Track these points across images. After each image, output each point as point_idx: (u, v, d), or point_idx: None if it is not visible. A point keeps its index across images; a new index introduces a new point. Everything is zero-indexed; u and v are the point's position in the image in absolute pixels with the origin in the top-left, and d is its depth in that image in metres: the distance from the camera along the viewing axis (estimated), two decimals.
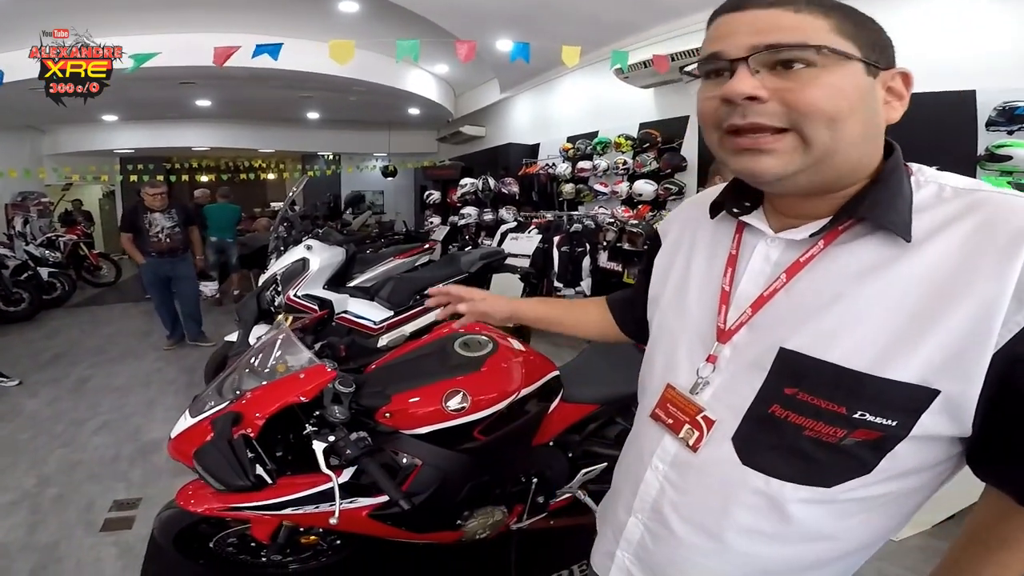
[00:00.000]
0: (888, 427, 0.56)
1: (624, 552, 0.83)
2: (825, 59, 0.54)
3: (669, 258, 0.83)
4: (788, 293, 0.64)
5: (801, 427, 0.60)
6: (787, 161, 0.57)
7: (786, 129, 0.56)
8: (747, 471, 0.65)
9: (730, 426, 0.66)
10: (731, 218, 0.73)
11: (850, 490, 0.62)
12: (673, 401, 0.73)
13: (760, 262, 0.68)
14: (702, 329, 0.72)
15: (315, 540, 1.79)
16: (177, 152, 11.84)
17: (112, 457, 2.97)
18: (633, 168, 5.56)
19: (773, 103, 0.55)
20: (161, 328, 5.81)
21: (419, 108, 9.31)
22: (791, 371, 0.61)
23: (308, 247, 3.62)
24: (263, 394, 1.44)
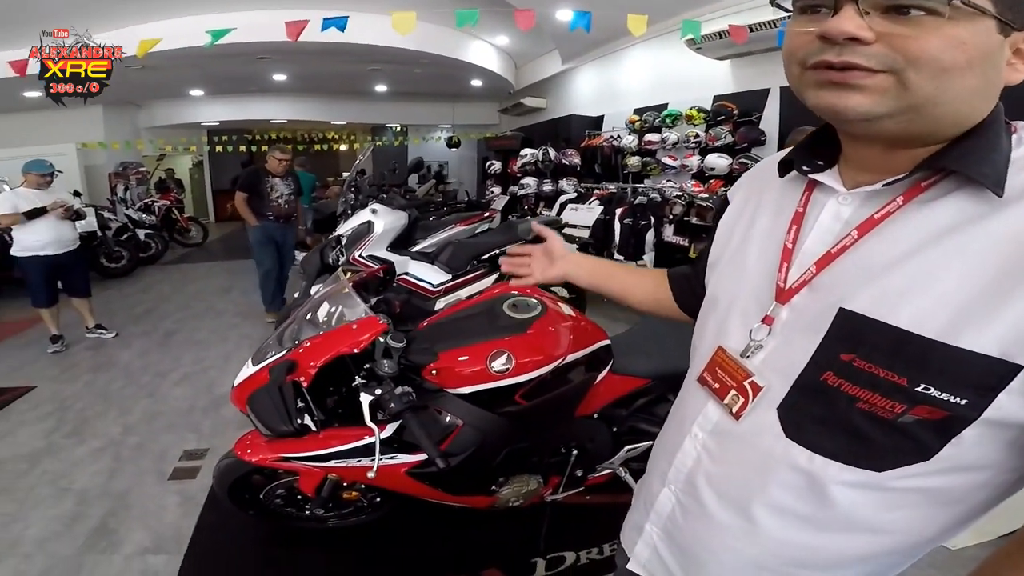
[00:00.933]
0: (956, 405, 0.49)
1: (653, 526, 0.79)
2: (955, 11, 0.47)
3: (733, 221, 0.77)
4: (857, 251, 0.57)
5: (854, 398, 0.54)
6: (876, 101, 0.50)
7: (881, 72, 0.49)
8: (790, 445, 0.60)
9: (778, 394, 0.61)
10: (801, 177, 0.66)
11: (904, 478, 0.55)
12: (722, 365, 0.68)
13: (830, 219, 0.61)
14: (760, 289, 0.66)
15: (356, 496, 1.85)
16: (257, 125, 12.44)
17: (188, 408, 3.16)
18: (706, 141, 5.31)
19: (878, 46, 0.49)
20: (241, 284, 6.24)
21: (481, 80, 9.31)
22: (849, 334, 0.54)
23: (373, 211, 3.74)
24: (317, 344, 1.48)
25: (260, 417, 1.38)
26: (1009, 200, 0.49)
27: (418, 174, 7.37)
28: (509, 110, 10.12)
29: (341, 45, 5.66)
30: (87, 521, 2.16)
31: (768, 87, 4.90)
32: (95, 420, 3.04)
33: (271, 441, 1.59)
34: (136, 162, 9.72)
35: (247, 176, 4.75)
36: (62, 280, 4.15)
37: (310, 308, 1.67)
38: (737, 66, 5.22)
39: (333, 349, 1.44)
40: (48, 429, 2.94)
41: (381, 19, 5.61)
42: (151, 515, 2.20)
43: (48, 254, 3.93)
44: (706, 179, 5.27)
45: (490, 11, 4.96)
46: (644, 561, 0.82)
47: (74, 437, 2.85)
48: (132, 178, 9.13)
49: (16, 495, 2.34)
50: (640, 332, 2.09)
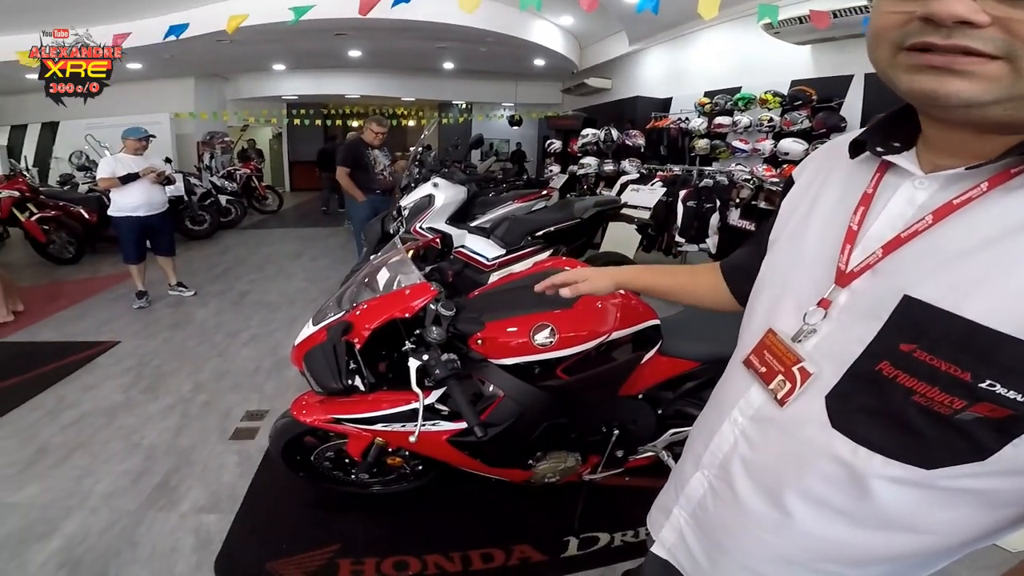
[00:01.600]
0: (1018, 403, 0.46)
1: (682, 510, 0.78)
2: None
3: (797, 200, 0.73)
4: (930, 236, 0.53)
5: (910, 391, 0.51)
6: (985, 88, 0.46)
7: (994, 58, 0.45)
8: (834, 435, 0.57)
9: (828, 382, 0.58)
10: (873, 159, 0.62)
11: (954, 477, 0.52)
12: (771, 348, 0.65)
13: (902, 203, 0.57)
14: (817, 270, 0.62)
15: (399, 463, 1.92)
16: (333, 99, 12.88)
17: (253, 369, 3.28)
18: (780, 126, 5.07)
19: (993, 29, 0.45)
20: (311, 251, 6.56)
21: (544, 59, 9.25)
22: (912, 323, 0.51)
23: (435, 184, 3.83)
24: (372, 307, 1.55)
25: (313, 374, 1.46)
26: None
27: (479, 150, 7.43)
28: (572, 90, 10.00)
29: (410, 23, 5.78)
30: (152, 477, 2.26)
31: (852, 73, 4.65)
32: (169, 377, 3.20)
33: (324, 402, 1.68)
34: (222, 132, 10.30)
35: (348, 150, 4.71)
36: (150, 240, 4.44)
37: (368, 273, 1.75)
38: (819, 51, 4.97)
39: (387, 312, 1.50)
40: (127, 384, 3.10)
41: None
42: (210, 473, 2.29)
43: (139, 215, 4.22)
44: (779, 164, 5.03)
45: None
46: (669, 545, 0.81)
47: (149, 393, 3.00)
48: (218, 147, 9.72)
49: (92, 448, 2.46)
50: (692, 314, 2.02)
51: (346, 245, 6.96)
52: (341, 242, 7.22)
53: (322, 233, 7.92)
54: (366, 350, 1.57)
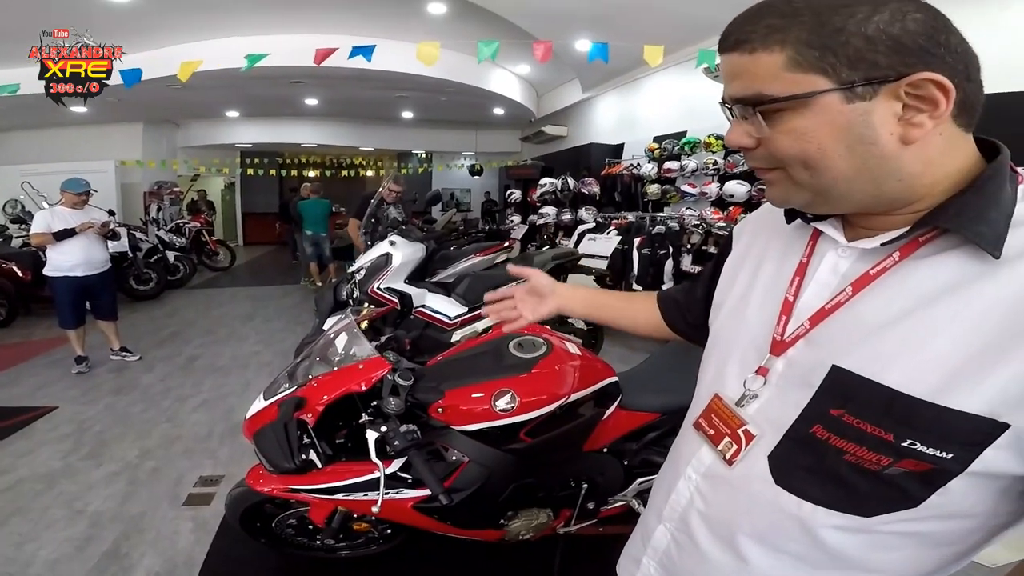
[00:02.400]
0: (942, 459, 0.50)
1: (650, 559, 0.82)
2: (781, 105, 0.50)
3: (738, 264, 0.78)
4: (852, 307, 0.58)
5: (842, 451, 0.55)
6: (785, 192, 0.57)
7: (774, 168, 0.57)
8: (779, 491, 0.62)
9: (769, 442, 0.62)
10: (806, 224, 0.67)
11: (892, 522, 0.56)
12: (718, 412, 0.70)
13: (827, 273, 0.62)
14: (758, 340, 0.67)
15: (366, 527, 1.87)
16: (288, 148, 12.88)
17: (206, 434, 3.17)
18: (724, 168, 5.34)
19: (761, 150, 0.55)
20: (264, 312, 6.40)
21: (503, 108, 9.52)
22: (840, 391, 0.56)
23: (392, 243, 3.80)
24: (326, 381, 1.53)
25: (264, 453, 1.42)
26: (1006, 260, 0.49)
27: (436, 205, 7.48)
28: (530, 138, 10.30)
29: (368, 72, 5.89)
30: (99, 544, 2.18)
31: None
32: (113, 443, 3.07)
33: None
34: (171, 182, 9.94)
35: (365, 202, 4.91)
36: (90, 302, 4.21)
37: (321, 345, 1.72)
38: None
39: (341, 387, 1.48)
40: (66, 450, 2.97)
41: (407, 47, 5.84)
42: (164, 540, 2.21)
43: (77, 275, 3.98)
44: (726, 206, 5.27)
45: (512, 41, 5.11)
46: None
47: (91, 459, 2.87)
48: (166, 197, 9.28)
49: (31, 515, 2.36)
50: (648, 367, 2.08)
51: (301, 304, 6.83)
52: (296, 301, 7.06)
53: (276, 292, 7.70)
54: (322, 421, 1.53)
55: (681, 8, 4.67)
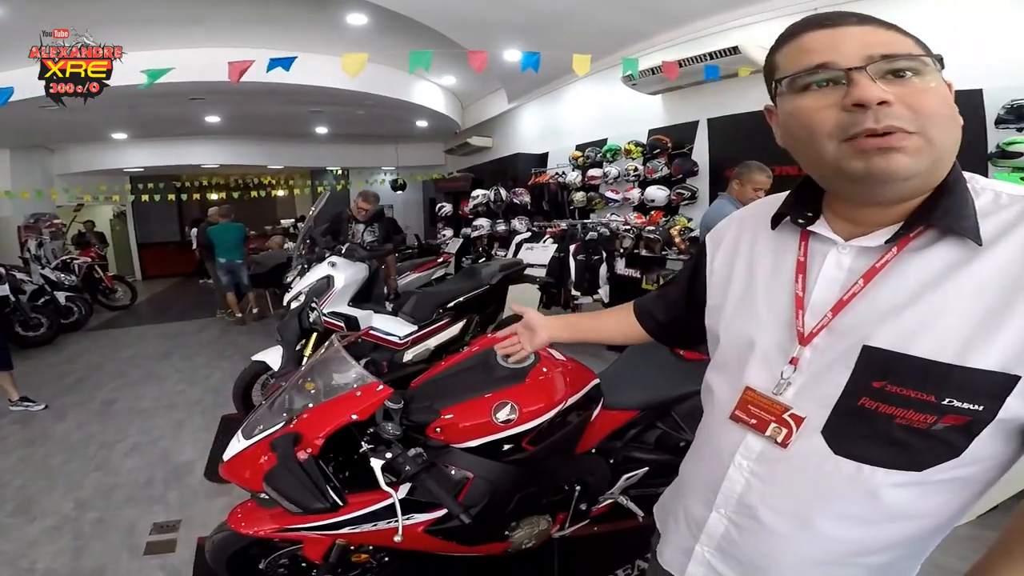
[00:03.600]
0: (975, 412, 0.60)
1: (704, 546, 0.86)
2: (927, 68, 0.59)
3: (727, 268, 0.85)
4: (867, 296, 0.67)
5: (892, 416, 0.63)
6: (917, 160, 0.59)
7: (913, 133, 0.58)
8: (840, 460, 0.68)
9: (818, 420, 0.69)
10: (793, 228, 0.75)
11: (941, 471, 0.65)
12: (754, 402, 0.75)
13: (833, 269, 0.70)
14: (778, 333, 0.74)
15: (366, 558, 1.79)
16: (187, 170, 11.96)
17: (146, 480, 2.99)
18: (644, 174, 5.60)
19: (899, 107, 0.57)
20: (181, 349, 5.91)
21: (427, 120, 9.41)
22: (877, 366, 0.64)
23: (332, 264, 3.65)
24: (320, 413, 1.45)
25: (287, 495, 1.30)
26: (986, 244, 0.60)
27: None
28: (455, 150, 10.28)
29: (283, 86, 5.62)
30: None
31: (697, 119, 5.25)
32: (41, 497, 2.84)
33: (272, 510, 1.52)
34: (50, 213, 8.84)
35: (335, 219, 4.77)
36: None
37: (303, 376, 1.63)
38: (668, 100, 5.58)
39: (339, 417, 1.41)
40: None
41: (326, 60, 5.69)
42: None
43: None
44: (647, 210, 5.54)
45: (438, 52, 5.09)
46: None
47: (21, 515, 2.67)
48: (46, 232, 8.18)
49: None
50: (621, 368, 2.15)
51: (221, 339, 6.41)
52: (215, 336, 6.59)
53: (191, 328, 7.12)
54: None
55: (603, 18, 4.86)
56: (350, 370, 1.55)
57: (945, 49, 2.54)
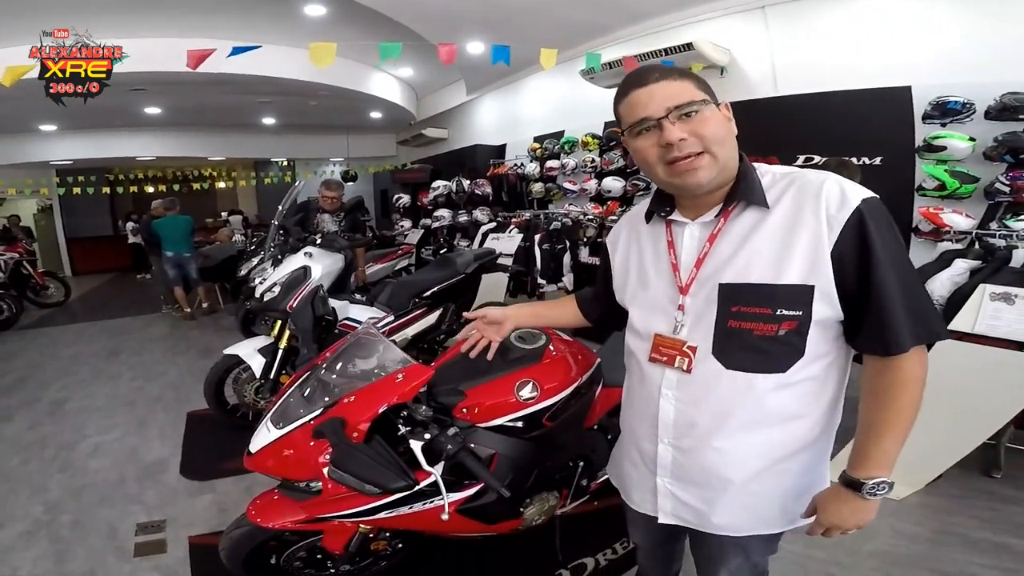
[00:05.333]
0: (798, 316, 0.89)
1: (663, 478, 1.08)
2: (704, 106, 0.90)
3: (624, 259, 1.16)
4: (714, 252, 0.98)
5: (751, 330, 0.92)
6: (709, 171, 0.92)
7: (702, 152, 0.90)
8: (732, 373, 0.95)
9: (708, 346, 0.96)
10: (660, 219, 1.07)
11: (796, 372, 0.92)
12: (662, 344, 1.03)
13: (690, 240, 1.02)
14: (667, 291, 1.04)
15: (384, 545, 1.80)
16: (120, 163, 11.22)
17: (118, 480, 2.88)
18: (601, 166, 5.75)
19: (691, 138, 0.90)
20: (129, 346, 5.62)
21: (381, 111, 9.26)
22: (731, 295, 0.93)
23: (308, 254, 3.58)
24: (363, 397, 1.45)
25: (364, 477, 1.29)
26: (772, 206, 0.93)
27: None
28: (409, 141, 10.13)
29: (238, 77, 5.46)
30: None
31: None
32: (3, 500, 2.70)
33: (297, 501, 1.54)
34: None
35: (300, 207, 4.74)
36: None
37: (336, 360, 1.65)
38: None
39: (382, 401, 1.42)
40: None
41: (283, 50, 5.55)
42: None
43: None
44: (604, 201, 5.72)
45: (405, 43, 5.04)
46: (670, 510, 1.10)
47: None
48: None
49: None
50: (614, 346, 2.24)
51: (172, 334, 6.12)
52: (165, 331, 6.29)
53: (136, 324, 6.76)
54: None
55: (563, 12, 4.95)
56: (391, 352, 1.58)
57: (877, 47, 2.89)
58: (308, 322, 3.18)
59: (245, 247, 6.91)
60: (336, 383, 1.58)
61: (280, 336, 3.32)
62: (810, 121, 4.07)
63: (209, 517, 2.49)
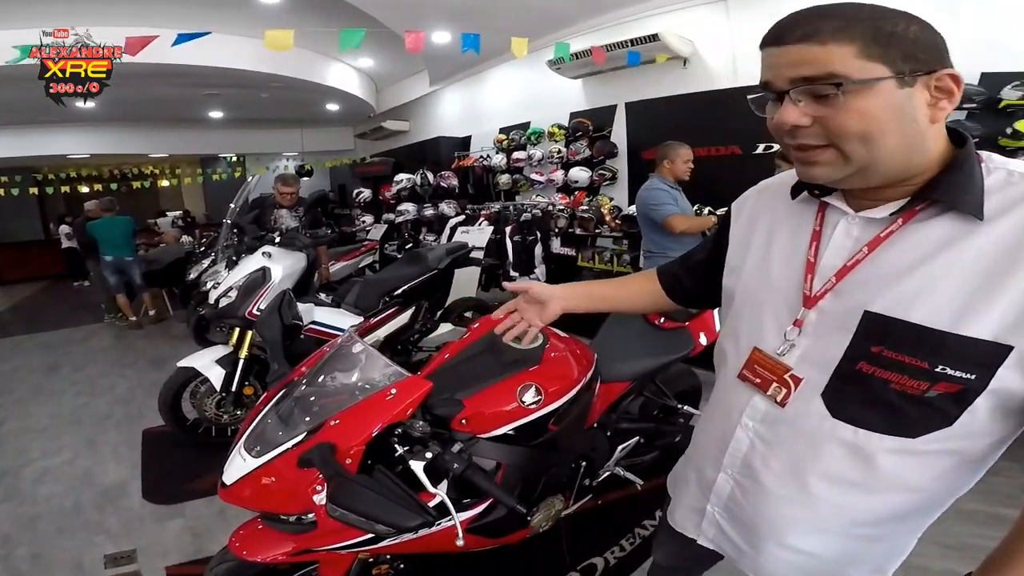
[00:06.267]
0: (967, 380, 0.62)
1: (714, 507, 0.91)
2: (850, 86, 0.60)
3: (747, 232, 0.89)
4: (871, 263, 0.70)
5: (888, 381, 0.67)
6: (831, 170, 0.67)
7: (827, 146, 0.65)
8: (836, 423, 0.72)
9: (818, 383, 0.73)
10: (812, 200, 0.80)
11: (933, 441, 0.68)
12: (760, 363, 0.80)
13: (842, 237, 0.74)
14: (788, 296, 0.78)
15: (387, 569, 1.66)
16: (49, 161, 10.43)
17: (73, 507, 2.64)
18: (567, 156, 5.70)
19: (815, 127, 0.64)
20: (71, 359, 5.20)
21: (338, 103, 8.94)
22: (876, 331, 0.67)
23: (267, 255, 3.35)
24: (354, 417, 1.31)
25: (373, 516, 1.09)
26: (988, 220, 0.62)
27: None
28: (368, 134, 9.80)
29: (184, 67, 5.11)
30: None
31: (615, 103, 5.41)
32: None
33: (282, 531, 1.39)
34: None
35: (254, 204, 4.45)
36: None
37: (315, 375, 1.49)
38: (589, 84, 5.69)
39: (375, 421, 1.27)
40: None
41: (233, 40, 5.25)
42: None
43: None
44: (571, 191, 5.67)
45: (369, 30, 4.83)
46: (712, 536, 0.94)
47: None
48: None
49: None
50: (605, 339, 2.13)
51: (117, 345, 5.71)
52: (109, 342, 5.85)
53: (76, 335, 6.25)
54: None
55: (530, 2, 4.84)
56: (375, 365, 1.43)
57: None
58: (276, 332, 2.95)
59: (194, 248, 6.51)
60: (318, 402, 1.42)
61: (240, 344, 3.09)
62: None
63: (183, 544, 2.30)
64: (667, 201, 3.18)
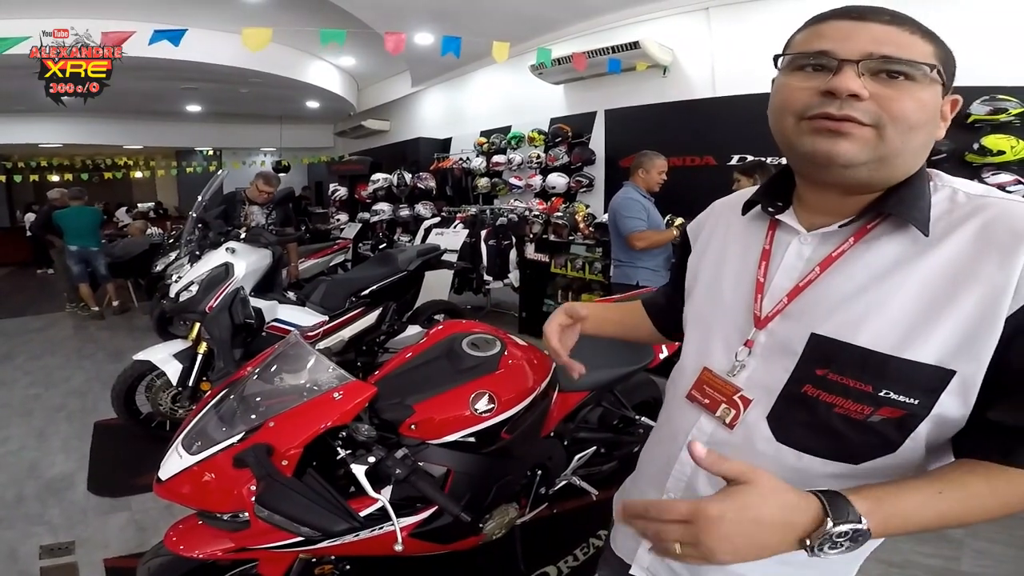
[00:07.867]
0: (911, 405, 0.61)
1: None
2: (925, 77, 0.61)
3: (700, 255, 0.87)
4: (821, 284, 0.68)
5: (832, 404, 0.65)
6: (860, 149, 0.61)
7: (868, 125, 0.61)
8: (781, 447, 0.70)
9: (765, 405, 0.71)
10: (763, 216, 0.77)
11: (876, 468, 0.66)
12: (710, 383, 0.77)
13: (794, 258, 0.72)
14: (737, 317, 0.76)
15: (329, 569, 1.63)
16: (19, 149, 10.13)
17: (15, 499, 2.57)
18: (546, 161, 5.71)
19: (869, 103, 0.60)
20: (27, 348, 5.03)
21: (318, 101, 8.88)
22: (822, 354, 0.65)
23: (231, 250, 3.27)
24: (293, 419, 1.28)
25: (301, 519, 1.08)
26: (933, 240, 0.62)
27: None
28: (348, 132, 9.75)
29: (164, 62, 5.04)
30: None
31: (595, 110, 5.45)
32: None
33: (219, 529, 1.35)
34: None
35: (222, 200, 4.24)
36: None
37: (260, 375, 1.45)
38: (570, 90, 5.74)
39: (316, 423, 1.25)
40: None
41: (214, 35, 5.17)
42: None
43: None
44: (548, 197, 5.68)
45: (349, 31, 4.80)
46: (647, 565, 0.88)
47: None
48: None
49: None
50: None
51: (76, 335, 5.55)
52: (69, 332, 5.68)
53: (36, 324, 6.07)
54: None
55: (513, 6, 4.85)
56: (322, 367, 1.40)
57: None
58: (225, 331, 2.88)
59: (163, 241, 6.37)
60: (260, 402, 1.39)
61: (199, 339, 3.03)
62: (746, 122, 4.03)
63: (127, 537, 2.25)
64: (638, 214, 3.19)
